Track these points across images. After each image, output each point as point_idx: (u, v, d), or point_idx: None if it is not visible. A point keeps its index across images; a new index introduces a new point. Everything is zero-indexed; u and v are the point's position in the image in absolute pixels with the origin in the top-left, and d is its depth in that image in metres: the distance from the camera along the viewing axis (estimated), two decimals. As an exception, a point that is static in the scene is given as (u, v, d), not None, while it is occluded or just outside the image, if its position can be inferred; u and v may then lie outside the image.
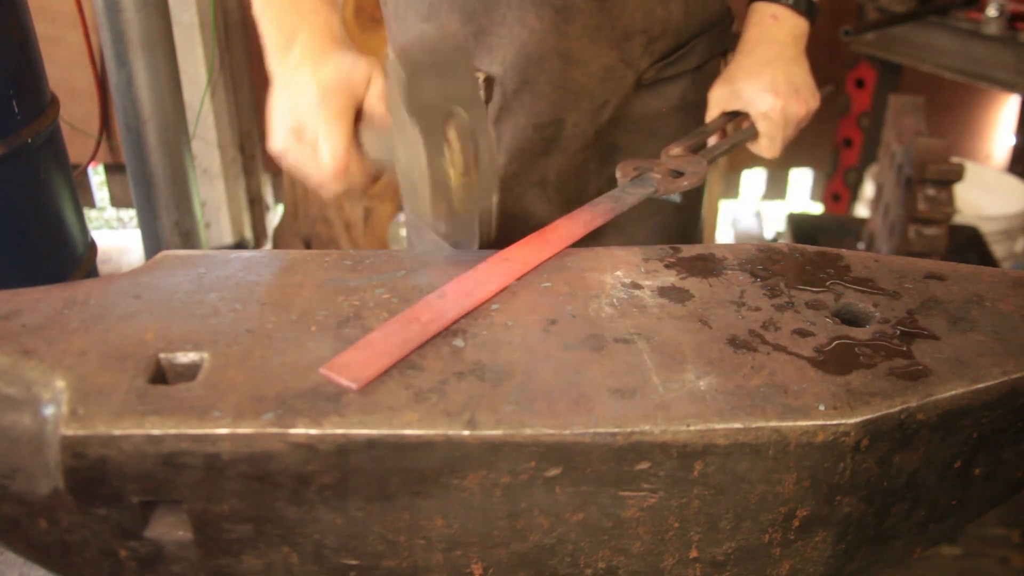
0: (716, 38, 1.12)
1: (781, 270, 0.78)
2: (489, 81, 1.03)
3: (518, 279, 0.74)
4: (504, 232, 1.12)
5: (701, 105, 1.08)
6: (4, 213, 1.57)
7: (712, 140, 1.04)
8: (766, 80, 1.01)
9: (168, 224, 2.11)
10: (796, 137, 1.06)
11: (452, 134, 0.71)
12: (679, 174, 0.93)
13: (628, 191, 0.90)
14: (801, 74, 1.04)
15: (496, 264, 0.76)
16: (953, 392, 0.64)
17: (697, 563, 0.66)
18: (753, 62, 1.03)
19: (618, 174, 0.93)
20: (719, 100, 1.05)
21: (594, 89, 1.05)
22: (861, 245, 2.35)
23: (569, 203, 1.10)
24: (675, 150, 0.97)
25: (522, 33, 1.00)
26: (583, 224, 0.83)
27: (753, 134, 1.04)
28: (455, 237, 0.79)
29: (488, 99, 1.04)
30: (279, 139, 0.81)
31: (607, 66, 1.04)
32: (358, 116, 0.80)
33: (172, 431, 0.56)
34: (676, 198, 0.92)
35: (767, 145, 1.04)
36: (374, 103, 0.80)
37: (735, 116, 1.06)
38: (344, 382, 0.60)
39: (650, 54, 1.06)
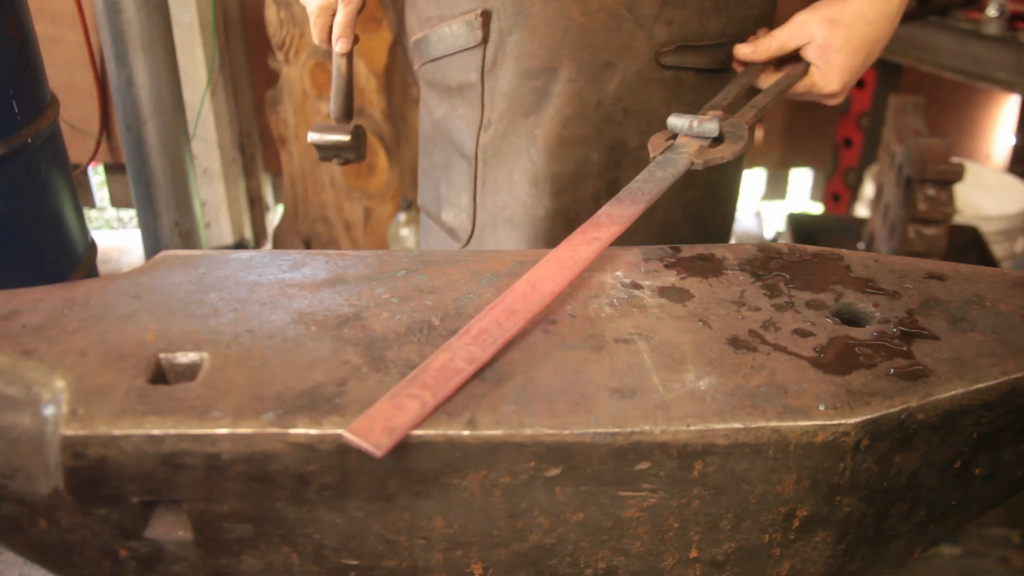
0: None
1: (781, 270, 0.78)
2: (486, 15, 0.99)
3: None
4: (489, 218, 1.09)
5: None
6: (4, 213, 1.56)
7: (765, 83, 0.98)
8: (855, 61, 0.97)
9: (168, 224, 2.10)
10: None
11: None
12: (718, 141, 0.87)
13: (657, 174, 0.84)
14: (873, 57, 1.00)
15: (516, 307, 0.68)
16: (953, 392, 0.64)
17: (697, 563, 0.66)
18: (855, 34, 0.96)
19: (650, 147, 0.88)
20: (799, 31, 0.97)
21: (594, 37, 0.99)
22: (861, 245, 2.35)
23: (559, 195, 1.05)
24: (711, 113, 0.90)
25: None
26: (609, 237, 0.77)
27: (802, 72, 0.97)
28: None
29: (485, 38, 1.01)
30: None
31: (611, 11, 0.98)
32: None
33: (172, 431, 0.56)
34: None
35: (827, 74, 0.97)
36: None
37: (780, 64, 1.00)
38: (366, 446, 0.55)
39: (666, 22, 1.00)
